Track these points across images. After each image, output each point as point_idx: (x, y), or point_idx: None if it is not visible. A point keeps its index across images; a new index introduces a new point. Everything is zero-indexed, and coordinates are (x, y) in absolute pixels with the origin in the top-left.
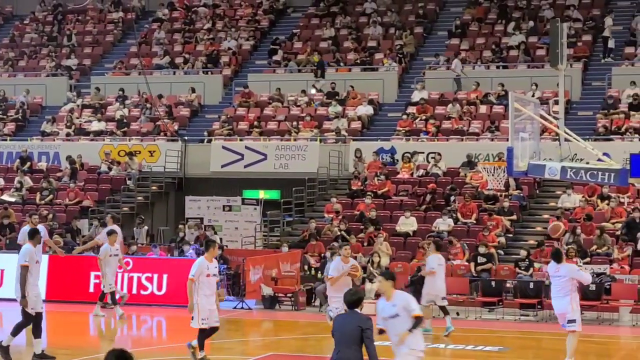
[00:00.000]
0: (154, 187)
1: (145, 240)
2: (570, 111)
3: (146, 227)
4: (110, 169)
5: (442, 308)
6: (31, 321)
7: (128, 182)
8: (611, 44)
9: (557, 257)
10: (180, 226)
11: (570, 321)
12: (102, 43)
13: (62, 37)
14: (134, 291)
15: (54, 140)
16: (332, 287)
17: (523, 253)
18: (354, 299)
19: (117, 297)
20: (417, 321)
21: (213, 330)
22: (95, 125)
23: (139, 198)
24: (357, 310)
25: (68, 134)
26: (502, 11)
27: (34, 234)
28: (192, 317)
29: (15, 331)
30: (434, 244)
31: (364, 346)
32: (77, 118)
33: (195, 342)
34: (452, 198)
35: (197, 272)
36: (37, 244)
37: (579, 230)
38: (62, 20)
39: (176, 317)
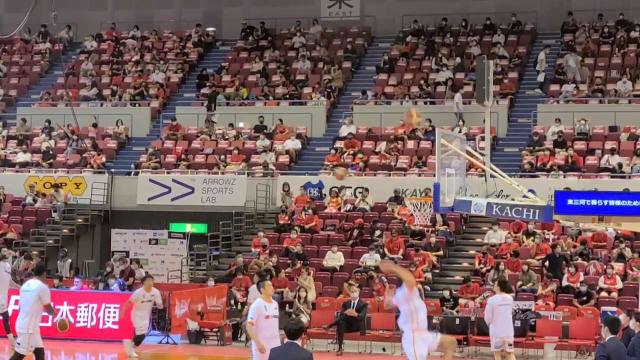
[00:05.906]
0: (79, 220)
1: (68, 274)
2: (497, 147)
3: (70, 260)
4: (35, 201)
5: None
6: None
7: (53, 214)
8: (541, 77)
9: (505, 286)
10: (109, 261)
11: (510, 344)
12: (29, 74)
13: None
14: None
15: None
16: None
17: (447, 294)
18: (296, 329)
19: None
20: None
21: None
22: (21, 157)
23: (65, 231)
24: (297, 342)
25: None
26: (430, 47)
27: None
28: None
29: None
30: (258, 276)
31: None
32: (2, 149)
33: None
34: (377, 232)
35: (256, 315)
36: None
37: (502, 266)
38: None
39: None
